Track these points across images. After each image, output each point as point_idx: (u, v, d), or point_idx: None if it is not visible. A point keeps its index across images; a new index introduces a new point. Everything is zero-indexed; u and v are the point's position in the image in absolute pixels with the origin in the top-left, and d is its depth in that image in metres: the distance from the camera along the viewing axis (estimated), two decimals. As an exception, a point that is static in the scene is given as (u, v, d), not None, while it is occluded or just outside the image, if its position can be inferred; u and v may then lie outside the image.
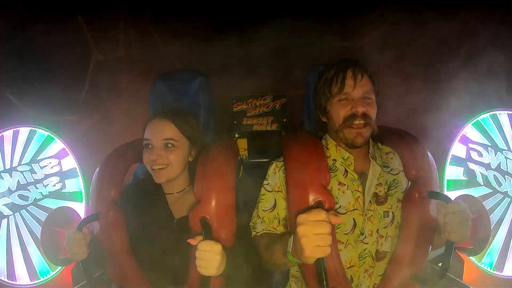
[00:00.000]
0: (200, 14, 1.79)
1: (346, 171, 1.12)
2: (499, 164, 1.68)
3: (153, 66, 1.51)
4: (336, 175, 1.12)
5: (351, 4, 1.80)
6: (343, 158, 1.14)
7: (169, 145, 1.11)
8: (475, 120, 1.73)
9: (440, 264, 1.12)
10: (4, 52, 1.75)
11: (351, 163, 1.13)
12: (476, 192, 1.70)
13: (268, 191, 1.15)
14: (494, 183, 1.69)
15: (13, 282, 1.70)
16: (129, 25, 1.82)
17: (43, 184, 1.72)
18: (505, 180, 1.67)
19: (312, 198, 0.98)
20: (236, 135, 1.79)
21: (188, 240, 0.91)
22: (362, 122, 1.06)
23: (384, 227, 1.10)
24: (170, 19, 1.82)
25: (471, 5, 1.75)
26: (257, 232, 1.12)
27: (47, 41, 1.75)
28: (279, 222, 1.12)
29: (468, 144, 1.73)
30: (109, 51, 1.84)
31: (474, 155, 1.72)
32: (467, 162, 1.73)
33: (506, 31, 1.76)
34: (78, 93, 1.84)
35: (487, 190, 1.70)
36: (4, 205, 1.69)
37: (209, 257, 0.88)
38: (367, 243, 1.08)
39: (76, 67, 1.83)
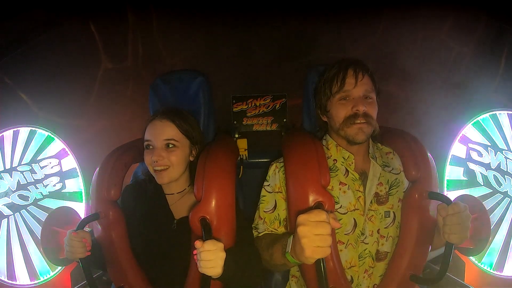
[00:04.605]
0: (203, 23, 1.82)
1: (347, 170, 1.12)
2: (499, 164, 1.68)
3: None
4: (337, 175, 1.12)
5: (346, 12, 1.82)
6: (343, 158, 1.13)
7: (170, 146, 1.11)
8: (475, 120, 1.72)
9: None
10: (21, 52, 1.77)
11: (352, 163, 1.12)
12: (476, 192, 1.69)
13: (269, 192, 1.15)
14: (494, 183, 1.68)
15: (13, 282, 1.70)
16: (137, 36, 1.88)
17: (43, 184, 1.72)
18: (505, 180, 1.67)
19: (312, 199, 0.98)
20: (236, 135, 1.79)
21: (195, 242, 0.89)
22: (363, 121, 1.06)
23: (385, 228, 1.10)
24: (175, 30, 1.87)
25: (466, 6, 1.76)
26: (259, 233, 1.12)
27: (61, 45, 1.80)
28: (280, 223, 1.12)
29: (468, 144, 1.72)
30: (118, 60, 1.89)
31: (474, 155, 1.71)
32: (467, 162, 1.73)
33: (504, 30, 1.76)
34: (86, 98, 1.89)
35: (487, 190, 1.69)
36: (4, 205, 1.69)
37: (215, 256, 0.88)
38: (368, 243, 1.08)
39: (86, 73, 1.88)
